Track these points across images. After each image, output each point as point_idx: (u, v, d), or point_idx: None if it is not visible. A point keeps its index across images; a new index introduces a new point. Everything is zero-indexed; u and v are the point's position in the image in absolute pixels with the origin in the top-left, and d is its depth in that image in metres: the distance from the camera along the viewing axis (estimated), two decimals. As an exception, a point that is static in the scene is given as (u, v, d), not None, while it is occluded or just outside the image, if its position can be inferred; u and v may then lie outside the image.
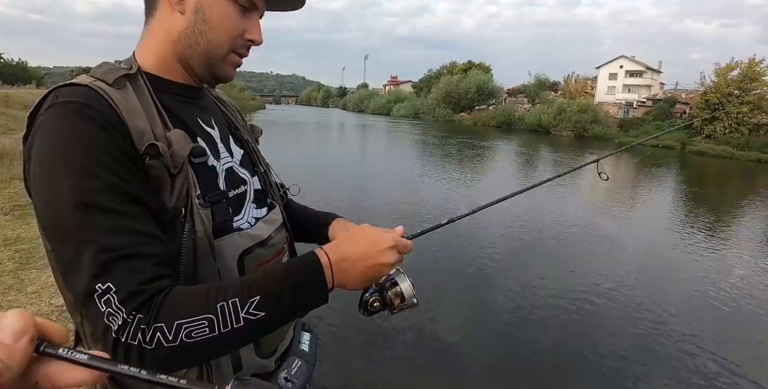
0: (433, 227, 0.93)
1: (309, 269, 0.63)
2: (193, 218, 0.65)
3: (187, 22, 0.70)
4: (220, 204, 0.71)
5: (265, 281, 0.60)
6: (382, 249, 0.68)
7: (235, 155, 0.83)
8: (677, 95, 41.03)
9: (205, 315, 0.55)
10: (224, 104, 0.92)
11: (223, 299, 0.56)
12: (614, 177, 16.36)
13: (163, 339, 0.53)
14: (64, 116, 0.59)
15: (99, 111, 0.60)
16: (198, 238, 0.65)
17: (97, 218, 0.56)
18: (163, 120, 0.67)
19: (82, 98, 0.60)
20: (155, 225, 0.61)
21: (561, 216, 8.70)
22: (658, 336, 4.24)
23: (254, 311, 0.57)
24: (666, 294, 5.29)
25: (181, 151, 0.65)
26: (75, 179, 0.56)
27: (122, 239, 0.56)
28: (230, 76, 0.78)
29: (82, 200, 0.55)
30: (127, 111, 0.63)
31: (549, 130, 35.94)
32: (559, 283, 5.33)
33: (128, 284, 0.54)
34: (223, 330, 0.56)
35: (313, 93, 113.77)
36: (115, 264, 0.54)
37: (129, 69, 0.68)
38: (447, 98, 48.99)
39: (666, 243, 7.58)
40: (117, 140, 0.60)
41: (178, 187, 0.64)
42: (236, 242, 0.73)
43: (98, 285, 0.53)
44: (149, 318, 0.54)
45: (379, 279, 0.73)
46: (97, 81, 0.64)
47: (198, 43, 0.71)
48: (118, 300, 0.53)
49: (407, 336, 3.97)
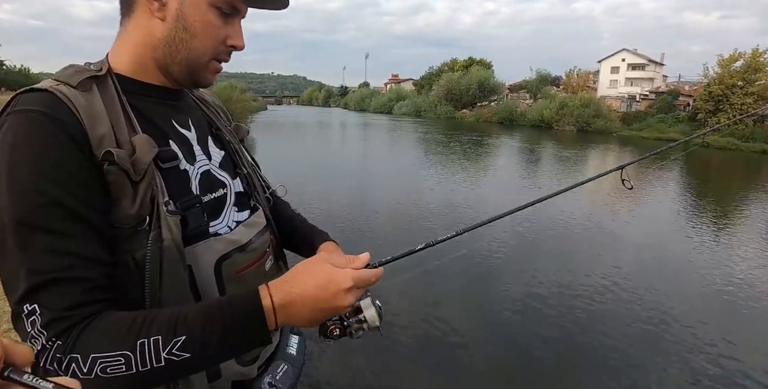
0: (405, 254, 0.82)
1: (247, 313, 0.58)
2: (160, 226, 0.62)
3: (168, 29, 0.68)
4: (193, 209, 0.69)
5: (195, 319, 0.56)
6: (336, 291, 0.61)
7: (214, 157, 0.80)
8: (680, 88, 40.73)
9: (121, 352, 0.53)
10: (207, 104, 0.89)
11: (146, 335, 0.54)
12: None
13: (78, 370, 0.52)
14: (16, 126, 0.57)
15: (55, 119, 0.58)
16: (165, 247, 0.62)
17: (34, 237, 0.54)
18: (130, 123, 0.65)
19: (38, 105, 0.58)
20: (98, 246, 0.58)
21: (565, 211, 8.65)
22: (667, 331, 4.20)
23: (177, 352, 0.54)
24: (672, 288, 5.24)
25: (144, 156, 0.62)
26: (17, 194, 0.55)
27: (56, 262, 0.54)
28: (210, 82, 0.76)
29: (21, 217, 0.54)
30: (88, 116, 0.60)
31: (551, 125, 35.80)
32: (563, 279, 5.30)
33: (53, 309, 0.53)
34: (142, 369, 0.53)
35: (314, 93, 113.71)
36: (44, 287, 0.53)
37: (98, 71, 0.66)
38: (448, 95, 48.87)
39: (671, 237, 7.53)
40: (71, 150, 0.57)
41: (140, 194, 0.61)
42: (212, 247, 0.70)
43: (26, 306, 0.53)
44: (65, 347, 0.52)
45: None
46: (60, 85, 0.62)
47: (179, 52, 0.69)
48: (41, 323, 0.52)
49: (411, 335, 3.96)
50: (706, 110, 30.22)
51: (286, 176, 10.61)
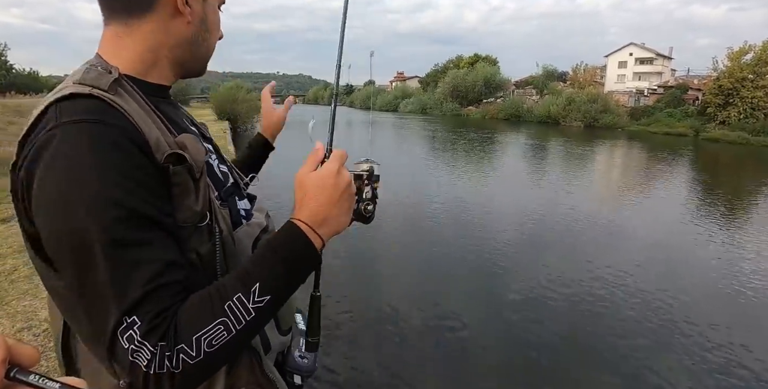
0: None
1: (293, 240, 0.64)
2: (218, 220, 0.66)
3: (194, 30, 0.72)
4: (231, 198, 0.75)
5: (256, 267, 0.60)
6: (340, 186, 0.67)
7: (212, 152, 0.84)
8: (689, 82, 40.27)
9: (219, 320, 0.56)
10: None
11: (228, 298, 0.57)
12: (627, 165, 16.14)
13: (187, 357, 0.54)
14: (76, 138, 0.55)
15: (114, 126, 0.57)
16: (224, 237, 0.67)
17: (121, 252, 0.54)
18: (165, 124, 0.66)
19: (91, 114, 0.57)
20: (176, 248, 0.60)
21: (573, 205, 8.60)
22: (676, 328, 4.17)
23: (259, 298, 0.58)
24: (681, 283, 5.20)
25: (199, 155, 0.64)
26: (92, 210, 0.53)
27: (147, 274, 0.54)
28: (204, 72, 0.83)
29: (104, 233, 0.53)
30: (138, 119, 0.60)
31: (558, 121, 35.59)
32: (571, 273, 5.27)
33: (149, 319, 0.53)
34: (239, 327, 0.57)
35: (319, 92, 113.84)
36: (140, 301, 0.54)
37: (109, 73, 0.63)
38: (454, 92, 48.73)
39: (680, 232, 7.46)
40: (136, 157, 0.57)
41: (202, 191, 0.64)
42: (248, 232, 0.75)
43: (120, 323, 0.53)
44: (170, 344, 0.53)
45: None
46: (94, 89, 0.59)
47: (200, 49, 0.75)
48: (140, 335, 0.52)
49: (418, 331, 3.96)
50: (715, 104, 29.89)
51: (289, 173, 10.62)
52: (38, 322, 2.92)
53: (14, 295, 3.33)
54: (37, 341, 2.72)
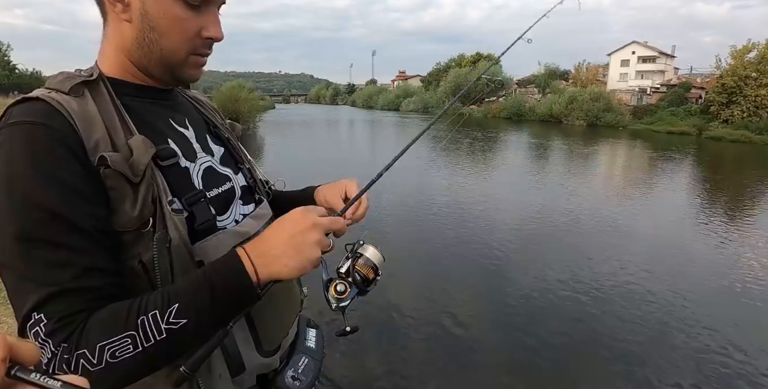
0: (354, 199, 0.85)
1: (227, 269, 0.60)
2: (166, 226, 0.62)
3: (136, 30, 0.66)
4: (199, 204, 0.69)
5: (184, 287, 0.58)
6: (300, 230, 0.63)
7: (215, 154, 0.81)
8: (692, 80, 40.11)
9: (127, 333, 0.54)
10: (201, 104, 0.90)
11: (144, 312, 0.55)
12: (630, 164, 16.10)
13: (87, 364, 0.53)
14: (12, 139, 0.57)
15: (51, 128, 0.58)
16: (173, 246, 0.63)
17: (37, 251, 0.55)
18: (125, 126, 0.65)
19: (32, 116, 0.58)
20: (102, 255, 0.59)
21: (575, 204, 8.59)
22: (680, 329, 4.16)
23: (174, 320, 0.55)
24: (684, 282, 5.19)
25: (141, 157, 0.62)
26: (17, 209, 0.55)
27: (60, 275, 0.55)
28: (195, 78, 0.75)
29: (21, 232, 0.55)
30: (82, 121, 0.60)
31: (561, 120, 35.49)
32: (574, 273, 5.27)
33: (57, 318, 0.54)
34: (147, 345, 0.55)
35: (321, 91, 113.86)
36: (48, 299, 0.54)
37: (89, 76, 0.66)
38: (456, 90, 48.58)
39: (684, 230, 7.45)
40: (67, 160, 0.58)
41: (141, 195, 0.61)
42: (222, 241, 0.71)
43: (31, 318, 0.54)
44: (71, 347, 0.53)
45: (317, 264, 0.66)
46: (51, 92, 0.62)
47: (152, 52, 0.68)
48: (44, 332, 0.53)
49: (420, 332, 3.97)
50: (719, 103, 29.75)
51: (292, 172, 10.66)
52: (42, 320, 2.95)
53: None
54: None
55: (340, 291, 0.70)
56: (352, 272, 0.72)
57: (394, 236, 6.39)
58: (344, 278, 0.72)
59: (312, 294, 0.92)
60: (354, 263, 0.73)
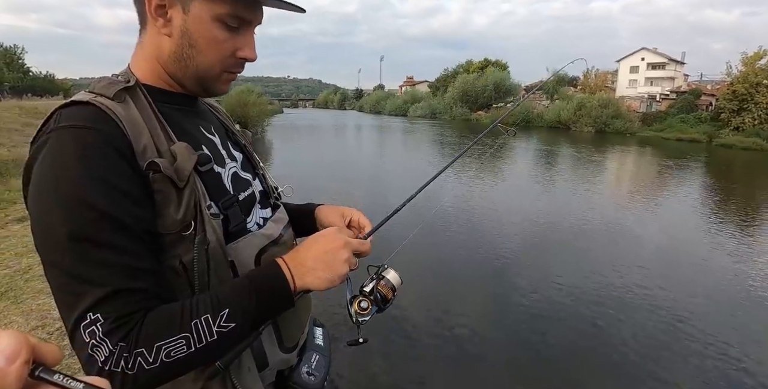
0: (381, 223, 0.97)
1: (272, 279, 0.67)
2: (205, 230, 0.66)
3: (175, 45, 0.69)
4: (233, 208, 0.73)
5: (232, 293, 0.63)
6: (334, 247, 0.71)
7: (237, 160, 0.85)
8: (702, 87, 39.82)
9: (181, 334, 0.58)
10: (217, 110, 0.93)
11: (197, 316, 0.59)
12: (639, 171, 15.99)
13: (144, 362, 0.56)
14: (64, 142, 0.59)
15: (101, 133, 0.60)
16: (211, 248, 0.66)
17: (90, 252, 0.56)
18: (165, 132, 0.68)
19: (83, 120, 0.60)
20: (149, 256, 0.61)
21: (585, 211, 8.54)
22: (687, 336, 4.11)
23: (225, 323, 0.60)
24: (692, 291, 5.12)
25: (186, 163, 0.65)
26: (69, 210, 0.56)
27: (113, 275, 0.57)
28: (224, 92, 0.78)
29: (74, 232, 0.56)
30: (130, 126, 0.63)
31: (569, 126, 35.37)
32: (580, 278, 5.23)
33: (113, 319, 0.56)
34: (199, 346, 0.59)
35: (329, 96, 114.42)
36: (103, 300, 0.56)
37: (127, 82, 0.68)
38: (464, 96, 48.71)
39: (694, 239, 7.37)
40: (118, 163, 0.60)
41: (185, 200, 0.64)
42: (252, 242, 0.75)
43: (83, 318, 0.55)
44: (130, 346, 0.55)
45: (344, 280, 0.74)
46: (98, 97, 0.64)
47: (187, 67, 0.71)
48: (102, 332, 0.55)
49: (427, 335, 3.95)
50: (729, 110, 29.50)
51: (301, 177, 10.71)
52: (52, 320, 2.97)
53: (29, 293, 3.40)
54: (50, 339, 2.77)
55: (363, 308, 0.79)
56: (375, 291, 0.81)
57: (399, 234, 6.38)
58: (367, 297, 0.80)
59: (312, 295, 0.95)
60: (377, 284, 0.82)
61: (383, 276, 0.83)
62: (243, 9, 0.69)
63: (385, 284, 0.82)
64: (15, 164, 8.05)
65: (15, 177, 7.42)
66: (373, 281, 0.82)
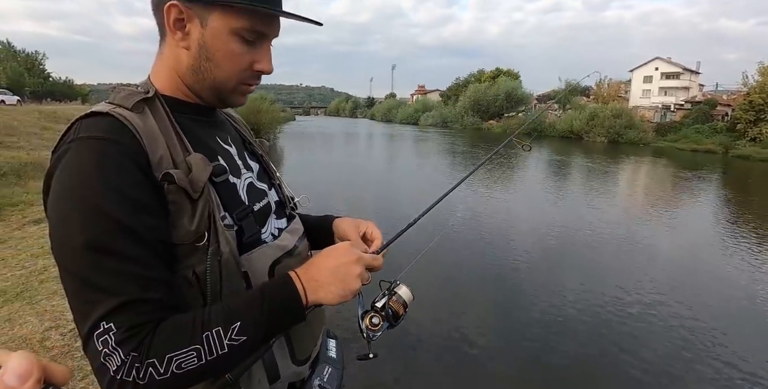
0: (394, 238, 0.97)
1: (284, 292, 0.66)
2: (218, 241, 0.66)
3: (192, 58, 0.70)
4: (247, 219, 0.73)
5: (244, 306, 0.63)
6: (346, 262, 0.71)
7: (253, 170, 0.85)
8: (718, 97, 39.36)
9: (193, 346, 0.58)
10: (235, 121, 0.93)
11: (208, 328, 0.59)
12: (654, 182, 15.78)
13: (155, 373, 0.56)
14: (82, 153, 0.60)
15: (118, 144, 0.61)
16: (224, 260, 0.66)
17: (103, 261, 0.57)
18: (182, 143, 0.68)
19: (101, 131, 0.61)
20: (163, 266, 0.62)
21: (596, 222, 8.42)
22: (701, 350, 4.00)
23: (236, 337, 0.60)
24: (707, 305, 5.00)
25: (200, 175, 0.65)
26: (85, 219, 0.58)
27: (127, 285, 0.58)
28: (240, 104, 0.79)
29: (90, 241, 0.57)
30: (147, 137, 0.64)
31: (581, 136, 35.12)
32: (592, 290, 5.13)
33: (126, 328, 0.56)
34: (210, 358, 0.59)
35: (341, 104, 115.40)
36: (117, 309, 0.56)
37: (146, 93, 0.69)
38: (475, 105, 48.74)
39: (709, 252, 7.21)
40: (135, 174, 0.61)
41: (199, 211, 0.64)
42: (266, 253, 0.75)
43: (100, 327, 0.56)
44: (142, 356, 0.56)
45: (356, 295, 0.73)
46: (117, 108, 0.65)
47: (204, 80, 0.72)
48: (114, 341, 0.55)
49: (436, 347, 3.90)
50: (746, 120, 29.08)
51: (311, 183, 10.75)
52: (65, 322, 2.99)
53: (43, 294, 3.43)
54: (63, 340, 2.78)
55: (374, 324, 0.79)
56: (386, 307, 0.80)
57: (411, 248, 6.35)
58: (378, 312, 0.80)
59: (326, 307, 0.94)
60: (389, 300, 0.81)
61: (395, 292, 0.83)
62: (260, 23, 0.70)
63: (397, 300, 0.82)
64: (33, 167, 8.20)
65: (33, 179, 7.56)
66: (385, 297, 0.82)
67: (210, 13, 0.67)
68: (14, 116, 14.79)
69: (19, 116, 15.24)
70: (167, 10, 0.67)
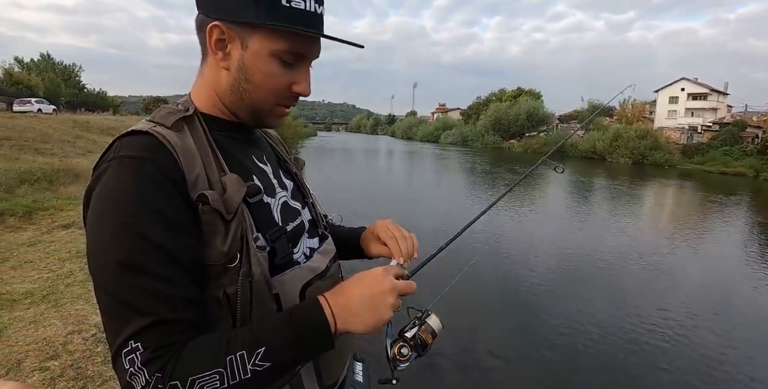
0: (425, 261, 0.98)
1: (313, 319, 0.63)
2: (250, 262, 0.65)
3: (232, 79, 0.71)
4: (280, 240, 0.73)
5: (270, 331, 0.61)
6: (380, 291, 0.67)
7: (288, 188, 0.84)
8: (747, 118, 38.40)
9: (216, 369, 0.57)
10: (271, 138, 0.94)
11: (232, 351, 0.58)
12: (680, 205, 15.34)
13: None
14: (121, 172, 0.61)
15: (156, 163, 0.62)
16: (255, 281, 0.66)
17: (138, 280, 0.58)
18: (218, 162, 0.68)
19: (140, 150, 0.62)
20: (194, 287, 0.62)
21: (621, 247, 8.20)
22: (724, 378, 3.79)
23: (260, 362, 0.59)
24: (735, 332, 4.76)
25: (235, 196, 0.65)
26: (121, 237, 0.58)
27: (158, 304, 0.58)
28: (275, 125, 0.79)
29: (123, 260, 0.58)
30: (185, 156, 0.64)
31: (604, 157, 34.56)
32: (618, 317, 4.95)
33: (153, 348, 0.57)
34: (231, 382, 0.58)
35: (362, 120, 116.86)
36: (147, 329, 0.57)
37: (186, 111, 0.71)
38: (496, 124, 48.67)
39: (736, 279, 6.91)
40: (171, 194, 0.62)
41: (232, 232, 0.64)
42: (297, 275, 0.74)
43: (125, 345, 0.57)
44: (165, 377, 0.56)
45: (386, 324, 0.71)
46: (156, 126, 0.66)
47: (242, 100, 0.72)
48: (141, 361, 0.56)
49: (458, 369, 3.79)
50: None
51: (337, 199, 10.78)
52: (88, 326, 3.01)
53: (68, 298, 3.47)
54: (85, 345, 2.80)
55: (403, 354, 0.76)
56: (416, 337, 0.78)
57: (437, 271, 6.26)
58: (407, 342, 0.77)
59: None
60: (419, 330, 0.79)
61: (425, 321, 0.81)
62: (301, 45, 0.70)
63: (426, 329, 0.80)
64: (65, 173, 8.46)
65: (64, 185, 7.79)
66: (415, 326, 0.79)
67: (252, 35, 0.67)
68: (50, 124, 15.40)
69: (54, 125, 15.86)
70: (210, 30, 0.68)
